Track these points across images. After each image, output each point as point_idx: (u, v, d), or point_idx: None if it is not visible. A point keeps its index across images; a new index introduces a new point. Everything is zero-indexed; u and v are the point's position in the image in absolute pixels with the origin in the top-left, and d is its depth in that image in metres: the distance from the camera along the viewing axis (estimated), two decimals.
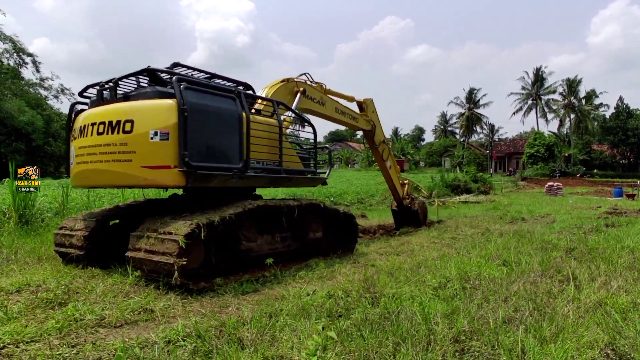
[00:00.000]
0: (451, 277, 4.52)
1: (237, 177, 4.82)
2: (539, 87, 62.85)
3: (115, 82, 4.76)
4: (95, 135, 4.54)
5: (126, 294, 3.90)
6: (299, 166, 6.03)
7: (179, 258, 3.91)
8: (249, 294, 4.21)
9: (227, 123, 4.77)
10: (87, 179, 4.76)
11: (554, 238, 7.77)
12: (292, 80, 6.73)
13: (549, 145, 52.36)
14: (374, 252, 6.69)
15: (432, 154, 67.49)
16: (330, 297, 3.86)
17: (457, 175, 27.78)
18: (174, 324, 3.17)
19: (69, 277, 4.46)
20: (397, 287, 4.15)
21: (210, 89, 4.82)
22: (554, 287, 4.29)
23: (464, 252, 6.51)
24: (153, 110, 4.37)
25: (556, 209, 15.98)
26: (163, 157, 4.29)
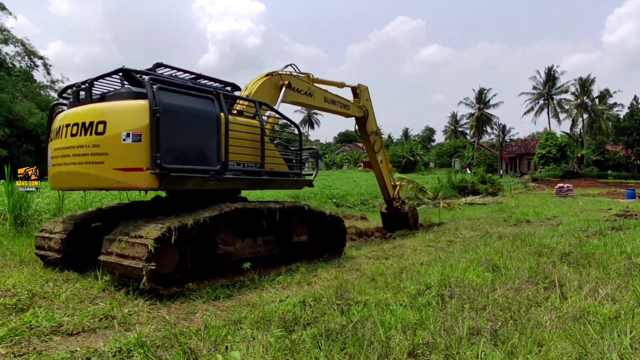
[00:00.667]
0: (432, 283, 4.36)
1: (215, 179, 4.72)
2: (550, 86, 61.82)
3: (91, 83, 4.71)
4: (69, 137, 4.48)
5: (93, 299, 3.83)
6: (283, 168, 5.91)
7: (148, 263, 3.82)
8: (221, 299, 4.11)
9: (204, 124, 4.68)
10: (61, 181, 4.71)
11: (553, 242, 7.54)
12: (277, 74, 6.52)
13: (561, 145, 51.42)
14: (363, 256, 6.55)
15: (442, 155, 66.87)
16: (300, 304, 3.74)
17: (464, 177, 27.39)
18: (132, 332, 3.08)
19: (42, 281, 4.41)
20: (372, 294, 4.01)
21: (186, 89, 4.73)
22: (538, 294, 4.10)
23: (455, 256, 6.33)
24: (125, 111, 4.30)
25: (564, 211, 15.61)
26: (135, 159, 4.21)
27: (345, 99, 8.39)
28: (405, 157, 52.11)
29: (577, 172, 47.63)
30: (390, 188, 9.80)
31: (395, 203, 10.05)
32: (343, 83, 8.48)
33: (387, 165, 9.98)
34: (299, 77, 7.03)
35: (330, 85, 8.03)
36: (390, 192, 9.79)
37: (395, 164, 51.98)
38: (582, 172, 48.39)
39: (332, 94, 7.95)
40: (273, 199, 6.01)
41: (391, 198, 9.92)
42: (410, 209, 10.28)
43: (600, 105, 59.50)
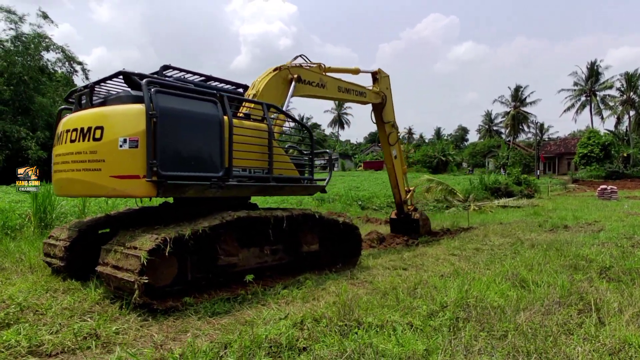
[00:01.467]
0: (448, 302, 3.95)
1: (217, 186, 4.48)
2: (593, 82, 58.67)
3: (91, 87, 4.59)
4: (69, 143, 4.36)
5: (83, 314, 3.67)
6: (293, 173, 5.61)
7: (141, 276, 3.62)
8: (219, 315, 3.86)
9: (205, 129, 4.45)
10: (62, 188, 4.61)
11: (592, 252, 6.87)
12: (285, 68, 6.14)
13: (604, 144, 48.61)
14: (380, 266, 6.16)
15: (476, 155, 64.83)
16: (299, 324, 3.43)
17: (498, 178, 26.23)
18: (112, 354, 2.86)
19: (42, 291, 4.32)
20: (379, 314, 3.64)
21: (187, 92, 4.51)
22: (571, 319, 3.61)
23: (480, 268, 5.85)
24: (123, 116, 4.12)
25: (607, 215, 14.54)
26: (132, 166, 4.02)
27: (360, 86, 7.91)
28: (437, 157, 50.87)
29: (623, 173, 44.80)
30: (402, 188, 9.12)
31: (407, 207, 9.37)
32: (358, 69, 7.97)
33: (402, 165, 9.27)
34: (309, 68, 6.63)
35: (344, 73, 7.57)
36: (402, 193, 9.11)
37: (427, 164, 50.84)
38: (629, 172, 45.48)
39: (347, 82, 7.49)
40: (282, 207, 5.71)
41: (402, 201, 9.23)
42: (421, 216, 9.54)
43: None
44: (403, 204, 9.25)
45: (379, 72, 8.48)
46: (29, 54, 28.30)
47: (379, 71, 8.50)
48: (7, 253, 6.34)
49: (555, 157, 60.48)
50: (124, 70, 4.48)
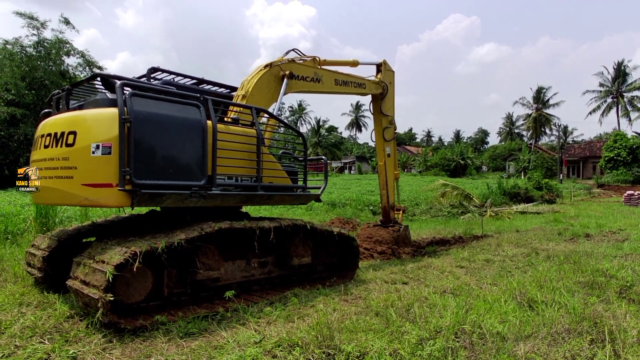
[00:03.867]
0: (442, 326, 3.55)
1: (198, 195, 4.20)
2: (620, 83, 56.67)
3: (68, 90, 4.38)
4: (43, 149, 4.16)
5: (44, 334, 3.42)
6: (284, 181, 5.29)
7: (106, 293, 3.36)
8: (191, 336, 3.56)
9: (186, 134, 4.18)
10: (37, 196, 4.41)
11: (614, 266, 6.33)
12: (276, 65, 5.80)
13: (632, 147, 46.71)
14: (379, 279, 5.78)
15: (496, 158, 63.43)
16: (273, 350, 3.11)
17: (517, 182, 25.41)
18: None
19: (14, 304, 4.13)
20: (363, 342, 3.28)
21: (167, 95, 4.26)
22: (581, 351, 3.17)
23: (486, 284, 5.41)
24: (96, 121, 3.88)
25: (633, 223, 13.77)
26: (105, 174, 3.77)
27: (359, 77, 7.51)
28: (455, 161, 49.87)
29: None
30: (391, 191, 8.49)
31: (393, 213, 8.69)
32: (357, 61, 7.59)
33: (395, 167, 8.66)
34: (302, 63, 6.27)
35: (340, 66, 7.22)
36: (390, 195, 8.47)
37: (445, 168, 49.93)
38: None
39: (344, 74, 7.11)
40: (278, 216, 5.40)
41: (390, 206, 8.55)
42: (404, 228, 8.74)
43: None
44: (390, 209, 8.60)
45: (384, 64, 8.11)
46: (50, 59, 28.94)
47: (384, 63, 8.13)
48: None
49: (579, 161, 58.56)
50: (101, 72, 4.27)
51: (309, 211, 15.85)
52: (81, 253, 3.95)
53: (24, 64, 27.16)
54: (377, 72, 8.15)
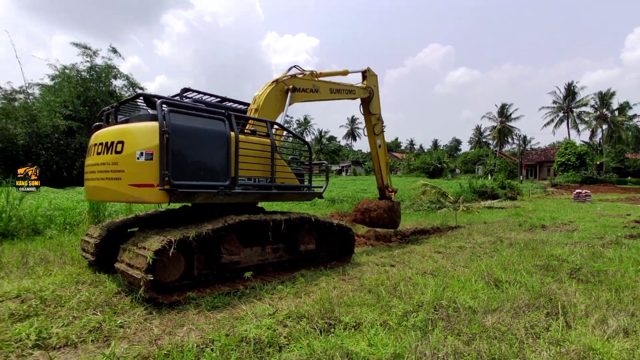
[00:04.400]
0: (423, 302, 3.54)
1: (224, 194, 4.22)
2: (570, 100, 56.36)
3: (116, 107, 4.40)
4: (96, 155, 4.19)
5: (96, 307, 3.43)
6: (293, 182, 5.29)
7: (146, 274, 3.37)
8: (217, 309, 3.55)
9: (213, 143, 4.19)
10: (90, 194, 4.44)
11: (566, 251, 6.29)
12: (281, 81, 5.80)
13: (580, 154, 46.49)
14: (371, 262, 5.76)
15: (467, 162, 63.20)
16: (284, 321, 3.10)
17: (485, 182, 25.27)
18: (106, 350, 2.60)
19: (72, 283, 4.12)
20: (358, 314, 3.27)
21: (198, 111, 4.26)
22: (539, 322, 3.16)
23: (460, 267, 5.39)
24: (140, 132, 3.90)
25: (581, 216, 13.69)
26: (147, 176, 3.80)
27: (349, 85, 7.45)
28: (433, 164, 49.68)
29: (596, 179, 42.69)
30: (385, 174, 8.52)
31: (387, 192, 8.74)
32: (347, 70, 7.49)
33: (385, 155, 8.68)
34: (302, 77, 6.23)
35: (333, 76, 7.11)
36: (384, 177, 8.51)
37: (425, 170, 49.71)
38: (602, 178, 43.33)
39: (337, 84, 7.07)
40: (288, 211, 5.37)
41: (384, 185, 8.60)
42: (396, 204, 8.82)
43: (620, 117, 53.24)
44: (385, 188, 8.65)
45: (368, 71, 8.04)
46: (100, 81, 29.00)
47: (368, 70, 8.05)
48: (59, 246, 6.24)
49: (536, 165, 58.29)
50: (144, 92, 4.28)
51: (313, 206, 15.81)
52: (126, 241, 3.95)
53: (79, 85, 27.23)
54: (363, 78, 8.04)
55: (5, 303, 3.36)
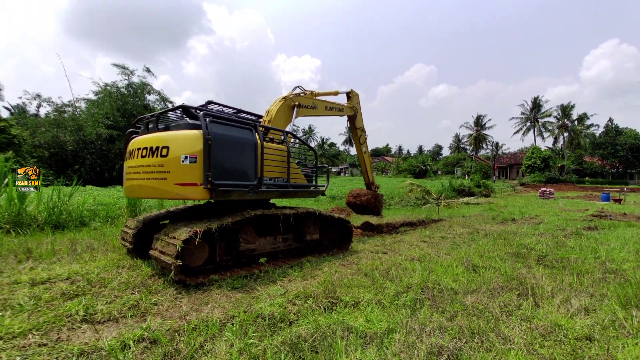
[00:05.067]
0: (412, 284, 3.52)
1: (253, 192, 4.23)
2: (536, 112, 56.01)
3: (157, 117, 4.37)
4: (140, 158, 4.15)
5: (134, 287, 3.43)
6: (303, 182, 5.28)
7: (176, 259, 3.37)
8: (236, 289, 3.55)
9: (244, 149, 4.20)
10: (134, 192, 4.38)
11: (533, 241, 6.24)
12: (289, 98, 5.96)
13: (544, 157, 46.19)
14: (366, 250, 5.73)
15: (447, 165, 62.90)
16: (294, 299, 3.09)
17: (463, 181, 25.13)
18: (142, 324, 2.60)
19: (113, 267, 4.13)
20: (357, 294, 3.26)
21: (231, 122, 4.26)
22: (512, 302, 3.13)
23: (442, 254, 5.35)
24: (184, 139, 3.87)
25: (546, 211, 13.58)
26: (192, 177, 3.78)
27: (339, 104, 7.68)
28: (419, 167, 49.51)
29: (558, 179, 42.43)
30: (370, 173, 8.75)
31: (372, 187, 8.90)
32: (337, 91, 7.70)
33: (369, 158, 8.94)
34: (304, 95, 6.39)
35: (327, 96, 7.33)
36: (370, 176, 8.73)
37: (411, 172, 49.55)
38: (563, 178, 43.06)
39: (330, 102, 7.27)
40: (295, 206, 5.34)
41: (370, 182, 8.81)
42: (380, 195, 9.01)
43: (579, 126, 52.90)
44: (371, 184, 8.82)
45: (351, 92, 8.15)
46: (136, 96, 29.10)
47: (351, 91, 8.16)
48: (102, 236, 6.26)
49: (507, 167, 57.96)
50: (184, 104, 4.28)
51: (316, 202, 15.78)
52: (159, 231, 3.95)
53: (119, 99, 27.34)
54: (348, 98, 8.14)
55: (57, 284, 3.37)
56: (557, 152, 54.30)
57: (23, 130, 24.27)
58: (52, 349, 2.19)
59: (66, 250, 4.89)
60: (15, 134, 23.03)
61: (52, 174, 21.68)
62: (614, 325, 2.52)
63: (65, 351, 2.15)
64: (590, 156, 53.61)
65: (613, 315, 2.66)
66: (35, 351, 2.15)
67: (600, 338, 2.33)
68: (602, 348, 2.17)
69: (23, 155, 23.28)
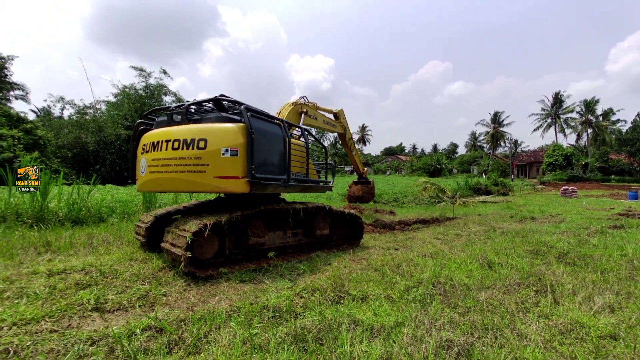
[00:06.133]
0: (423, 279, 3.41)
1: (284, 185, 4.23)
2: (557, 107, 53.90)
3: (187, 107, 4.25)
4: (171, 150, 4.02)
5: (145, 278, 3.48)
6: (316, 177, 5.27)
7: (186, 251, 3.39)
8: (244, 282, 3.54)
9: (277, 144, 4.20)
10: (160, 185, 4.23)
11: (554, 239, 5.97)
12: (298, 104, 6.28)
13: (566, 155, 44.42)
14: (377, 246, 5.63)
15: (463, 163, 61.44)
16: (302, 292, 3.05)
17: (479, 180, 24.46)
18: (150, 313, 2.62)
19: (126, 259, 4.21)
20: (365, 288, 3.18)
21: (266, 117, 4.25)
22: (529, 298, 2.98)
23: (456, 251, 5.19)
24: (224, 132, 3.84)
25: (568, 209, 13.02)
26: (233, 170, 3.76)
27: (333, 121, 8.31)
28: (433, 165, 48.63)
29: (582, 177, 40.66)
30: (360, 166, 10.20)
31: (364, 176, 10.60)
32: (332, 110, 8.40)
33: (358, 155, 10.20)
34: (309, 106, 6.77)
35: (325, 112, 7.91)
36: (360, 168, 10.24)
37: (426, 170, 48.74)
38: (587, 176, 41.22)
39: (328, 118, 7.86)
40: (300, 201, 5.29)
41: (361, 173, 10.41)
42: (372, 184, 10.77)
43: (604, 122, 50.50)
44: (361, 174, 10.53)
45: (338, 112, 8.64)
46: (154, 98, 29.88)
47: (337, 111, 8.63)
48: (118, 231, 6.41)
49: (526, 165, 56.08)
50: (219, 96, 4.25)
51: (329, 200, 15.73)
52: (170, 225, 4.00)
53: (137, 101, 28.16)
54: (335, 117, 8.52)
55: (72, 275, 3.45)
56: (581, 149, 52.12)
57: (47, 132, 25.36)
58: (62, 335, 2.23)
59: (83, 244, 5.03)
60: (40, 135, 24.09)
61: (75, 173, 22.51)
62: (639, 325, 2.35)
63: (75, 337, 2.19)
64: (617, 153, 51.10)
65: (639, 314, 2.48)
66: (46, 337, 2.19)
67: (626, 336, 2.17)
68: (628, 347, 2.02)
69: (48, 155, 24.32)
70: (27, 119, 24.34)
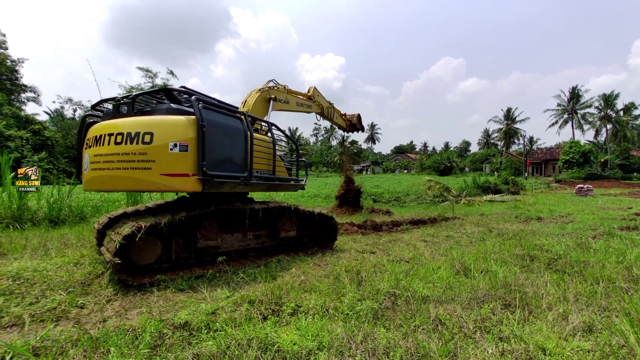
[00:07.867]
0: (379, 289, 2.98)
1: (244, 184, 3.90)
2: (574, 103, 51.64)
3: (133, 98, 3.91)
4: (113, 145, 3.69)
5: (71, 286, 3.16)
6: (285, 175, 4.89)
7: (114, 257, 3.08)
8: (182, 292, 3.19)
9: (236, 139, 3.88)
10: (103, 184, 3.87)
11: (551, 242, 5.41)
12: (265, 90, 5.75)
13: (584, 152, 42.48)
14: (353, 250, 5.20)
15: (475, 162, 59.78)
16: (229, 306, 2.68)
17: (488, 178, 23.51)
18: (42, 331, 2.30)
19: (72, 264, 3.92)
20: (308, 299, 2.78)
21: (222, 109, 3.92)
22: (493, 314, 2.51)
23: (438, 254, 4.71)
24: (173, 125, 3.53)
25: (580, 209, 12.20)
26: (182, 166, 3.46)
27: (308, 102, 7.71)
28: (444, 164, 47.43)
29: (600, 175, 38.77)
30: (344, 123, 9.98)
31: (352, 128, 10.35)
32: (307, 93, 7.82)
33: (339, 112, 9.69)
34: (278, 89, 6.22)
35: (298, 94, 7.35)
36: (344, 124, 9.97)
37: (436, 169, 47.62)
38: (606, 174, 39.27)
39: (301, 99, 7.35)
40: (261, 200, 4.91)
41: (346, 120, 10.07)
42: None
43: (625, 117, 48.07)
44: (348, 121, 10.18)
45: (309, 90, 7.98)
46: None
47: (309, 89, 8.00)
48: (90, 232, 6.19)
49: (542, 163, 54.08)
50: (167, 86, 3.99)
51: (326, 199, 15.31)
52: (112, 227, 3.70)
53: None
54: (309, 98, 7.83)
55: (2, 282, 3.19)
56: (599, 145, 49.86)
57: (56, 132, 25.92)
58: None
59: (37, 246, 4.81)
60: (48, 136, 24.65)
61: None
62: (619, 352, 1.86)
63: None
64: (639, 150, 48.63)
65: (622, 338, 1.99)
66: None
67: None
68: None
69: (56, 155, 24.86)
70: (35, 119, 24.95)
